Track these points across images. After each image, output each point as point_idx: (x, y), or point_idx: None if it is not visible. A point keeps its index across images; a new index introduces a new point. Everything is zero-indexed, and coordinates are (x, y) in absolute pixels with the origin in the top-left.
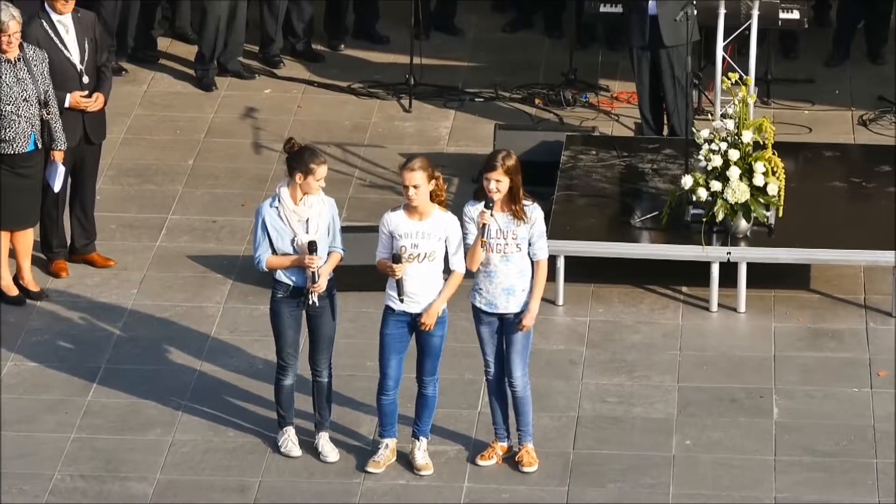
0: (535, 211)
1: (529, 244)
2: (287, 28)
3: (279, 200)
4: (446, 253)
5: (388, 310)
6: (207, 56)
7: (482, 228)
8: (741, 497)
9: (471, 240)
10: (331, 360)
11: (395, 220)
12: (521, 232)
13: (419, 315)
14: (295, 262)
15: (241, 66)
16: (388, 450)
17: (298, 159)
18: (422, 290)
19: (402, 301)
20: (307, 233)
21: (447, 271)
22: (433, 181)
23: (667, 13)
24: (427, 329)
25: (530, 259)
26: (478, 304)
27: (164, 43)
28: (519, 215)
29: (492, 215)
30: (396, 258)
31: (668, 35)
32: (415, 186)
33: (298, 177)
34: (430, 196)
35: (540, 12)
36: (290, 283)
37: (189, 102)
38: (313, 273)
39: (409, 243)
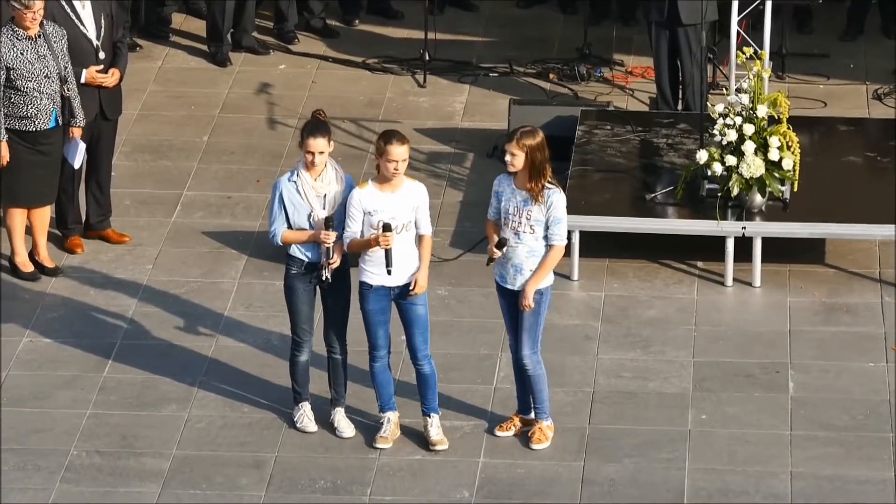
0: (553, 195)
1: (547, 228)
2: (302, 4)
3: (298, 175)
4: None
5: (365, 286)
6: (218, 31)
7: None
8: (756, 472)
9: (492, 214)
10: (345, 336)
11: (367, 197)
12: (535, 213)
13: (399, 287)
14: (310, 237)
15: (256, 42)
16: (391, 423)
17: (302, 131)
18: (401, 260)
19: (389, 273)
20: (324, 209)
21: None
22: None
23: None
24: (418, 293)
25: (546, 243)
26: (495, 275)
27: (178, 19)
28: (534, 194)
29: (503, 249)
30: (387, 227)
31: (686, 12)
32: (403, 161)
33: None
34: None
35: None
36: (305, 258)
37: (203, 78)
38: (328, 249)
39: (388, 216)
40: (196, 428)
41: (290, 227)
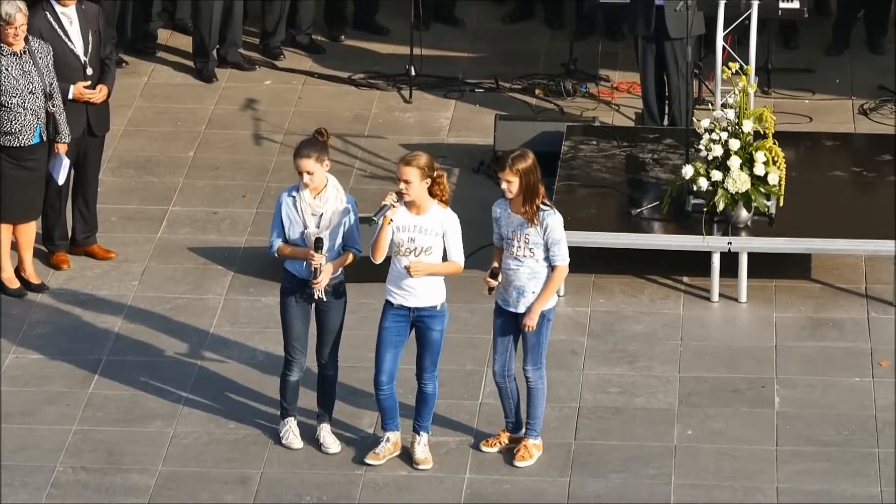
0: (549, 217)
1: (547, 250)
2: (288, 20)
3: (298, 191)
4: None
5: (388, 304)
6: (204, 48)
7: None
8: (743, 487)
9: (496, 240)
10: (337, 355)
11: (398, 213)
12: (532, 235)
13: (417, 309)
14: (301, 254)
15: (242, 58)
16: (389, 443)
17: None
18: (419, 283)
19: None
20: (317, 227)
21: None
22: (429, 179)
23: (673, 4)
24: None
25: (548, 264)
26: (496, 298)
27: (164, 35)
28: (529, 217)
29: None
30: (318, 243)
31: (673, 26)
32: (406, 181)
33: None
34: (431, 193)
35: (540, 2)
36: (295, 274)
37: (189, 94)
38: (315, 269)
39: (406, 237)
40: (182, 444)
41: (285, 240)
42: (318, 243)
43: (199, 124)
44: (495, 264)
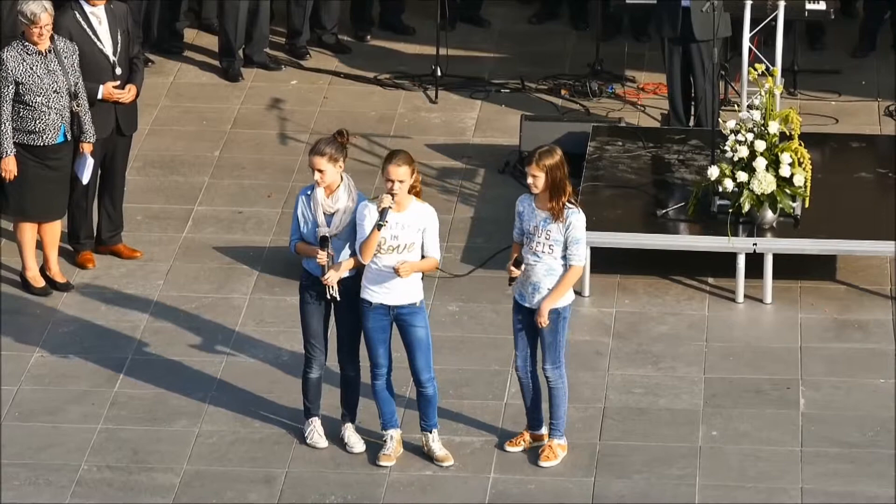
0: (573, 215)
1: (565, 248)
2: (314, 20)
3: (313, 189)
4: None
5: (365, 303)
6: (230, 47)
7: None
8: (767, 488)
9: (516, 236)
10: (357, 356)
11: (376, 210)
12: (554, 232)
13: (396, 307)
14: (311, 252)
15: (268, 58)
16: (394, 441)
17: None
18: (399, 281)
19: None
20: (328, 226)
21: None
22: (414, 175)
23: (699, 6)
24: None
25: (564, 263)
26: (514, 293)
27: (190, 34)
28: (555, 213)
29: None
30: (323, 241)
31: (699, 28)
32: (400, 181)
33: None
34: (408, 188)
35: (566, 3)
36: (311, 271)
37: (215, 93)
38: (323, 267)
39: (390, 234)
40: (207, 443)
41: (301, 238)
42: (323, 241)
43: (225, 124)
44: (522, 255)
